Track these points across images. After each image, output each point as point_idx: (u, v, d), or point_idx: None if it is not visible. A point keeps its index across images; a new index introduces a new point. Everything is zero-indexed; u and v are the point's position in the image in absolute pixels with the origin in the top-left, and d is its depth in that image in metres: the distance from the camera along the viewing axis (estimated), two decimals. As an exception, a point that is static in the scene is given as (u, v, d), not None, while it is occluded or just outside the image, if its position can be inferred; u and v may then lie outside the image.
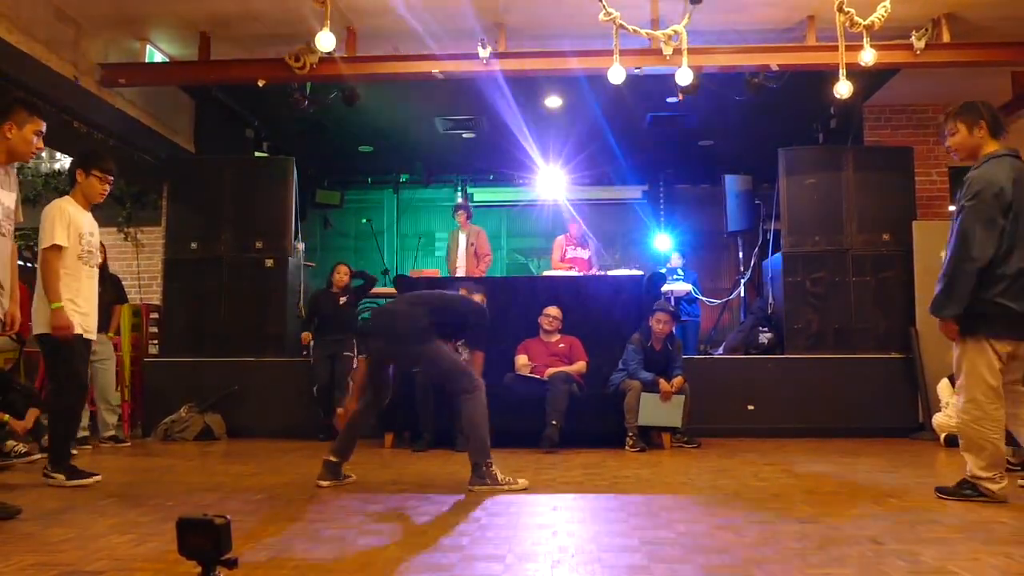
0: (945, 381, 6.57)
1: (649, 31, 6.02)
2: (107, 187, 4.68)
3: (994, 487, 3.77)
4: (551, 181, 10.69)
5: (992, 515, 3.49)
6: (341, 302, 7.39)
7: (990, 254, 3.68)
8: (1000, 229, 3.69)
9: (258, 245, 7.86)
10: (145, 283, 8.54)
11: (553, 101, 8.67)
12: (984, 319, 3.73)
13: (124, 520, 3.43)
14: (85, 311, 4.54)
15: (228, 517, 1.93)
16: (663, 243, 10.71)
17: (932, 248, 7.32)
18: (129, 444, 6.61)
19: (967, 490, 3.83)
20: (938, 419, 6.53)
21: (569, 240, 9.18)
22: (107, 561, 2.70)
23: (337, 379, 7.14)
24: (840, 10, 5.47)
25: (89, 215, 4.67)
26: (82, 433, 6.28)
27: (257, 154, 9.08)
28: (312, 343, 7.35)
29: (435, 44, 6.92)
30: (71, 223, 4.47)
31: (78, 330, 4.44)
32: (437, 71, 6.88)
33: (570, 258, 9.07)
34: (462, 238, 8.91)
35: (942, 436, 6.39)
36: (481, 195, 12.11)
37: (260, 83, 7.03)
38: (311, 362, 7.35)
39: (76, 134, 6.90)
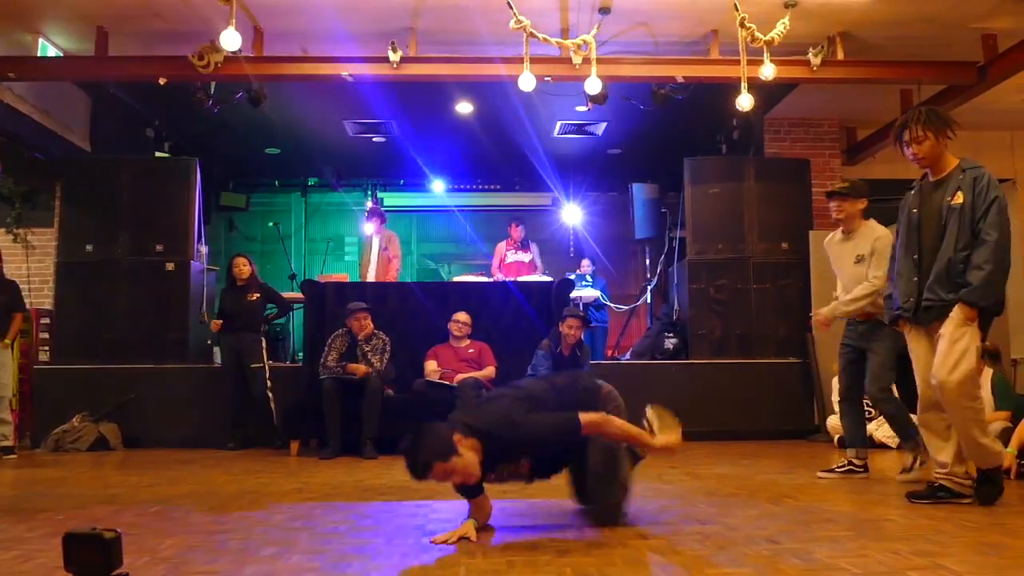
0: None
1: (559, 40, 6.10)
2: None
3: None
4: (461, 187, 10.68)
5: (881, 513, 3.65)
6: (250, 299, 7.08)
7: None
8: None
9: (158, 248, 7.62)
10: (36, 287, 8.15)
11: (464, 107, 8.67)
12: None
13: (9, 535, 3.25)
14: None
15: (119, 530, 1.86)
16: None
17: (827, 257, 7.61)
18: (16, 455, 6.29)
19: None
20: (832, 421, 6.78)
21: (510, 244, 9.12)
22: (-11, 580, 2.57)
23: (253, 395, 6.88)
24: (742, 26, 5.68)
25: None
26: None
27: (158, 154, 8.78)
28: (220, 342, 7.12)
29: (344, 46, 6.84)
30: None
31: None
32: (346, 74, 6.80)
33: (511, 262, 9.00)
34: (375, 243, 8.79)
35: (836, 437, 6.64)
36: (391, 200, 12.01)
37: (161, 81, 6.81)
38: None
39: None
